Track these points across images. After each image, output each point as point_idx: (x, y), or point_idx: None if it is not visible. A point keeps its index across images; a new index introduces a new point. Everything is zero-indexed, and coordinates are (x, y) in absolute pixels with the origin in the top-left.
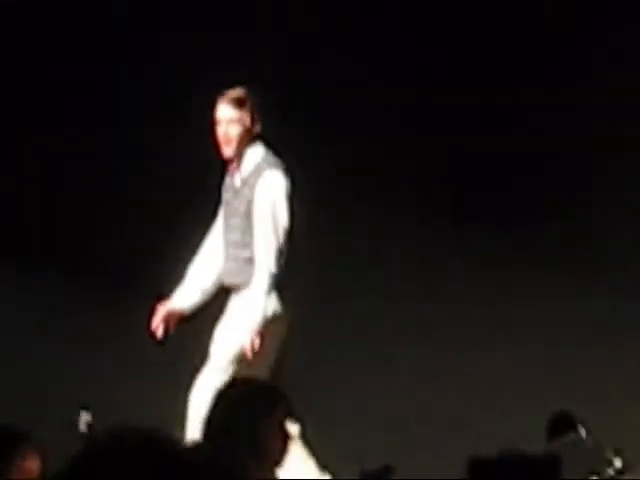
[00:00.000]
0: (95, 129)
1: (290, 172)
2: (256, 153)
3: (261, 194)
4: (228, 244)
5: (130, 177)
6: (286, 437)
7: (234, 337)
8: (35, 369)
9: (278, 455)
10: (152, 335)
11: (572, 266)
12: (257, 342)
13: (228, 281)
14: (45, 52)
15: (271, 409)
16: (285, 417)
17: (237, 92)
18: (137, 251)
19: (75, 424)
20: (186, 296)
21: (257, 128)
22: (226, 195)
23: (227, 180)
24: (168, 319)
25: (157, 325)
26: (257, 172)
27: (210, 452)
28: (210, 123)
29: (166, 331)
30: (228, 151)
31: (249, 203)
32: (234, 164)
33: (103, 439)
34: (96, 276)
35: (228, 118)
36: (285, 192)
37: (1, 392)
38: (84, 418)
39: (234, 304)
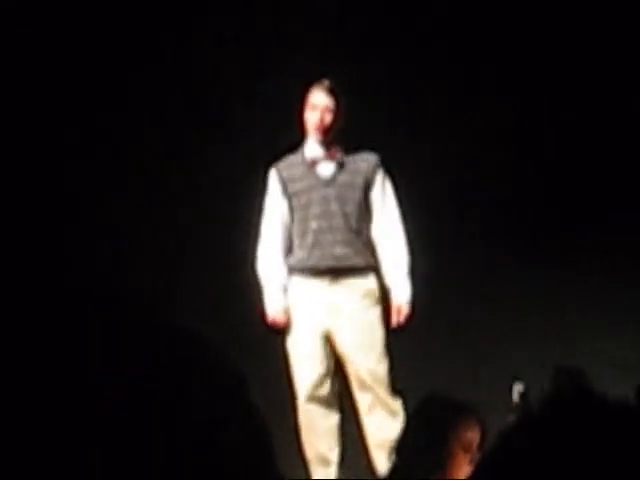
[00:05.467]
0: None
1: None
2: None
3: (385, 184)
4: (323, 230)
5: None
6: None
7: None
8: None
9: None
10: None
11: None
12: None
13: (341, 265)
14: None
15: None
16: None
17: (332, 83)
18: None
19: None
20: (280, 296)
21: (343, 122)
22: (305, 183)
23: (305, 170)
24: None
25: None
26: (365, 162)
27: None
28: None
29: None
30: (321, 137)
31: (364, 192)
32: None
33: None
34: None
35: (324, 106)
36: None
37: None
38: (517, 388)
39: (359, 288)
